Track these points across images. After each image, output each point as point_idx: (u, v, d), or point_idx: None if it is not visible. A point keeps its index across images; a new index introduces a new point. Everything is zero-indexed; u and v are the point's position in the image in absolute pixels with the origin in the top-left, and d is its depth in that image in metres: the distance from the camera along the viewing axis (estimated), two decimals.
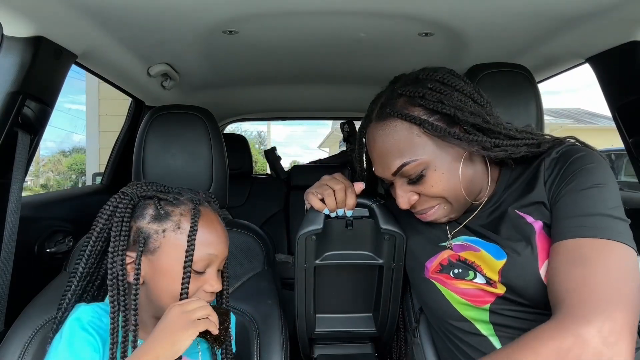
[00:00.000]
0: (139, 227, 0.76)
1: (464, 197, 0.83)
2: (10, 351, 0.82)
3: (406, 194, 0.84)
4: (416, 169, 0.80)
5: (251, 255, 1.07)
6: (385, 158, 0.83)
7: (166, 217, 0.76)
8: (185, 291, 0.73)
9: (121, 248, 0.74)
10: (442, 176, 0.81)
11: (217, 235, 0.79)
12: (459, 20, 1.08)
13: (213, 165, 1.06)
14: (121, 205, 0.76)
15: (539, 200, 0.80)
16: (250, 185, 2.62)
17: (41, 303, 0.89)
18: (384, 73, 1.67)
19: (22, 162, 0.94)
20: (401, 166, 0.81)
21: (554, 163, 0.81)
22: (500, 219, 0.84)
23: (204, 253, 0.75)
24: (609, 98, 1.16)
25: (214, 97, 2.02)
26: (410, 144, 0.81)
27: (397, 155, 0.81)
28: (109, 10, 0.98)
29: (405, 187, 0.84)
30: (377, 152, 0.85)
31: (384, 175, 0.85)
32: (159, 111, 1.08)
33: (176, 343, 0.66)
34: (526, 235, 0.78)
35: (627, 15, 0.98)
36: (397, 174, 0.82)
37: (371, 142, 0.87)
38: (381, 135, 0.84)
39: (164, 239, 0.75)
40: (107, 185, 1.77)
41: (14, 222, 0.91)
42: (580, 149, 0.81)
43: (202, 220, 0.77)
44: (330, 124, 16.32)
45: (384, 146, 0.83)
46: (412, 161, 0.80)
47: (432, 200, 0.84)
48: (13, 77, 0.90)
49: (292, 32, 1.19)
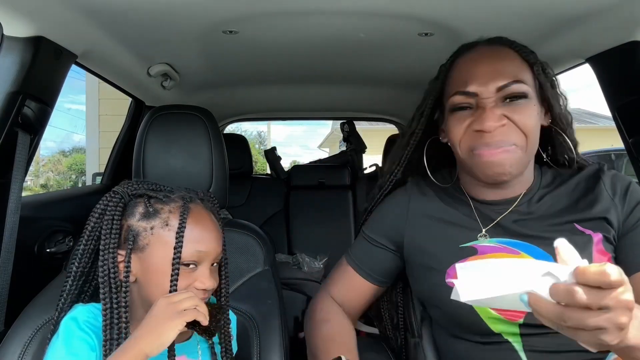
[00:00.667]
0: (129, 225, 0.76)
1: (532, 154, 0.85)
2: (10, 351, 0.82)
3: (498, 114, 0.80)
4: (523, 90, 0.81)
5: (251, 255, 1.07)
6: (496, 73, 0.81)
7: (155, 214, 0.76)
8: (174, 288, 0.73)
9: (112, 246, 0.74)
10: (536, 115, 0.83)
11: (207, 232, 0.78)
12: (459, 20, 1.08)
13: (213, 165, 1.06)
14: (111, 204, 0.76)
15: (603, 216, 0.81)
16: (250, 185, 2.62)
17: (41, 303, 0.88)
18: (384, 73, 1.67)
19: (22, 162, 0.94)
20: (514, 81, 0.80)
21: (611, 182, 0.84)
22: (544, 222, 0.83)
23: (193, 250, 0.75)
24: (609, 98, 1.16)
25: (214, 97, 2.01)
26: (522, 72, 0.83)
27: (508, 72, 0.81)
28: (109, 10, 0.98)
29: (499, 109, 0.81)
30: (486, 65, 0.83)
31: (484, 89, 0.81)
32: (159, 111, 1.08)
33: (162, 334, 0.65)
34: (583, 242, 0.78)
35: (627, 15, 0.98)
36: (504, 88, 0.81)
37: (477, 57, 0.86)
38: (496, 53, 0.85)
39: (152, 236, 0.75)
40: (107, 185, 1.77)
41: (14, 222, 0.91)
42: (624, 176, 0.87)
43: (192, 217, 0.77)
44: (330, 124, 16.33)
45: (497, 63, 0.83)
46: (523, 84, 0.81)
47: (517, 134, 0.81)
48: (13, 77, 0.90)
49: (292, 32, 1.19)
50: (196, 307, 0.69)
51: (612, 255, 0.80)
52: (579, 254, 0.63)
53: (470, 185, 0.92)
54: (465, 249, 0.85)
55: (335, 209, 2.55)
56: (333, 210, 2.55)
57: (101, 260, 0.74)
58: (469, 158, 0.84)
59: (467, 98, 0.83)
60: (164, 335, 0.65)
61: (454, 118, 0.86)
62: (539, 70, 0.85)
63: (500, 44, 0.87)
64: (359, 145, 2.90)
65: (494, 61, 0.83)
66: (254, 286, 1.03)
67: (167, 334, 0.65)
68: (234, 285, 1.02)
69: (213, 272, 0.79)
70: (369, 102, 2.36)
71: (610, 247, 0.80)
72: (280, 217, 2.56)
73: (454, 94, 0.85)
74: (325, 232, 2.47)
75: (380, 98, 2.18)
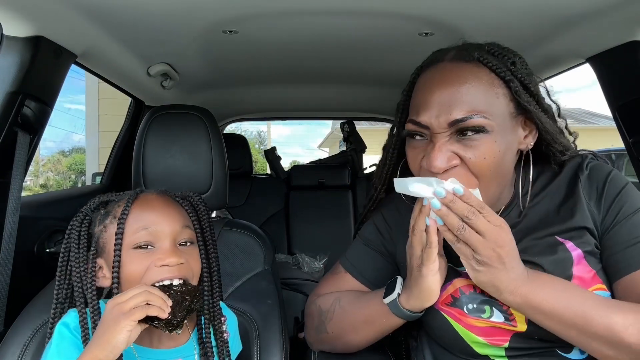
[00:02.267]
0: (91, 234, 0.78)
1: (499, 185, 0.76)
2: (9, 351, 0.82)
3: (447, 154, 0.71)
4: (481, 124, 0.70)
5: (251, 255, 1.07)
6: (452, 103, 0.70)
7: (107, 215, 0.78)
8: (116, 274, 0.72)
9: (82, 259, 0.75)
10: (497, 153, 0.71)
11: (156, 212, 0.77)
12: (459, 20, 1.08)
13: (213, 165, 1.06)
14: (75, 223, 0.78)
15: (582, 225, 0.77)
16: (250, 185, 2.62)
17: (41, 303, 0.88)
18: (384, 73, 1.67)
19: (22, 162, 0.94)
20: (467, 117, 0.69)
21: (588, 184, 0.80)
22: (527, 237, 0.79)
23: (140, 229, 0.74)
24: (609, 98, 1.16)
25: (214, 97, 2.01)
26: (486, 98, 0.71)
27: (466, 102, 0.70)
28: (109, 10, 0.98)
29: (449, 145, 0.72)
30: (442, 92, 0.72)
31: (435, 122, 0.72)
32: (158, 111, 1.08)
33: (112, 339, 0.63)
34: (564, 261, 0.75)
35: (627, 15, 0.98)
36: (457, 123, 0.70)
37: (435, 80, 0.74)
38: (457, 75, 0.72)
39: (106, 233, 0.76)
40: (107, 185, 1.77)
41: (13, 222, 0.91)
42: (604, 166, 0.81)
43: (139, 202, 0.78)
44: (330, 124, 16.33)
45: (455, 88, 0.71)
46: (481, 117, 0.69)
47: (469, 178, 0.72)
48: (13, 77, 0.90)
49: (292, 32, 1.19)
50: (148, 302, 0.66)
51: (599, 268, 0.76)
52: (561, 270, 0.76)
53: None
54: (450, 269, 0.81)
55: (335, 209, 2.55)
56: (333, 210, 2.55)
57: (74, 275, 0.75)
58: None
59: (419, 128, 0.75)
60: (114, 339, 0.63)
61: (409, 146, 0.79)
62: (517, 87, 0.72)
63: (469, 60, 0.74)
64: (359, 145, 2.90)
65: (452, 87, 0.71)
66: (254, 286, 1.03)
67: (117, 337, 0.63)
68: (234, 285, 1.02)
69: (179, 250, 0.76)
70: (369, 102, 2.36)
71: (594, 260, 0.77)
72: (280, 217, 2.56)
73: (408, 121, 0.77)
74: (325, 232, 2.47)
75: (380, 98, 2.18)
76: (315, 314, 0.95)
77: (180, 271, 0.74)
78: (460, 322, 0.79)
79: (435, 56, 0.79)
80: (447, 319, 0.80)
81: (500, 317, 0.76)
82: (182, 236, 0.78)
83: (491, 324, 0.76)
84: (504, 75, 0.72)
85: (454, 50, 0.77)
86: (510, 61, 0.75)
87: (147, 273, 0.73)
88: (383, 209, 0.97)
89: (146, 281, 0.72)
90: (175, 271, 0.73)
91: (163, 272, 0.73)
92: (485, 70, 0.72)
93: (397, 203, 0.94)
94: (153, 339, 0.77)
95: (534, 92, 0.75)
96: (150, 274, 0.73)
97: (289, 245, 2.50)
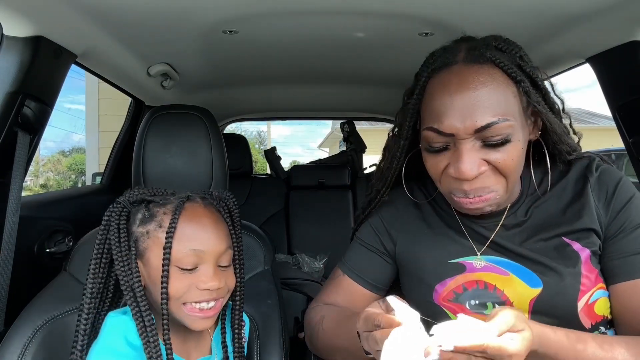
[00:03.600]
0: (131, 232, 0.76)
1: (515, 184, 0.76)
2: (10, 351, 0.81)
3: (477, 160, 0.70)
4: (504, 132, 0.69)
5: (251, 255, 1.07)
6: (475, 108, 0.69)
7: (151, 218, 0.75)
8: (164, 290, 0.71)
9: (124, 254, 0.73)
10: (521, 151, 0.72)
11: (204, 230, 0.75)
12: (459, 20, 1.08)
13: (213, 165, 1.06)
14: (114, 214, 0.76)
15: (589, 227, 0.77)
16: (250, 185, 2.62)
17: (41, 303, 0.88)
18: (384, 73, 1.67)
19: (22, 162, 0.94)
20: (492, 122, 0.68)
21: (598, 186, 0.79)
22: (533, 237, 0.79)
23: (187, 249, 0.72)
24: (609, 98, 1.16)
25: (214, 97, 2.02)
26: (506, 100, 0.70)
27: (490, 108, 0.69)
28: (109, 10, 0.98)
29: (477, 152, 0.71)
30: (463, 97, 0.70)
31: (461, 128, 0.70)
32: (158, 111, 1.08)
33: None
34: (571, 261, 0.75)
35: (627, 15, 0.98)
36: (483, 130, 0.69)
37: (452, 85, 0.71)
38: (474, 79, 0.70)
39: (149, 239, 0.74)
40: (107, 185, 1.77)
41: (13, 222, 0.91)
42: (615, 171, 0.81)
43: (186, 215, 0.75)
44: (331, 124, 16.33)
45: (476, 94, 0.69)
46: (505, 120, 0.69)
47: (498, 178, 0.72)
48: (13, 77, 0.90)
49: (292, 32, 1.19)
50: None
51: (600, 268, 0.77)
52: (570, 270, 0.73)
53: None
54: (454, 265, 0.82)
55: (335, 209, 2.55)
56: (333, 210, 2.55)
57: (119, 270, 0.73)
58: (449, 199, 0.80)
59: (442, 137, 0.73)
60: None
61: (430, 157, 0.77)
62: (527, 87, 0.72)
63: (483, 61, 0.73)
64: (359, 145, 2.90)
65: (474, 91, 0.70)
66: (254, 286, 1.03)
67: None
68: None
69: (220, 272, 0.76)
70: (369, 102, 2.36)
71: (596, 260, 0.77)
72: (280, 217, 2.56)
73: (428, 129, 0.74)
74: (325, 232, 2.47)
75: (380, 98, 2.18)
76: (307, 324, 0.96)
77: (219, 293, 0.76)
78: None
79: (446, 58, 0.76)
80: (449, 315, 0.80)
81: None
82: (224, 259, 0.77)
83: None
84: (516, 76, 0.72)
85: (463, 50, 0.76)
86: (517, 55, 0.75)
87: (188, 293, 0.73)
88: (379, 209, 0.97)
89: (186, 299, 0.73)
90: (214, 294, 0.74)
91: (204, 294, 0.73)
92: (500, 71, 0.72)
93: (394, 201, 0.95)
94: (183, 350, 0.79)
95: (542, 87, 0.76)
96: (191, 294, 0.73)
97: (289, 245, 2.50)
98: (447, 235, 0.86)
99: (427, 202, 0.93)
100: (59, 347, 0.83)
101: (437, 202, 0.92)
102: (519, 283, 0.76)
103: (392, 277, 0.96)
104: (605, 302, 0.77)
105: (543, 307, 0.74)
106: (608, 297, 0.77)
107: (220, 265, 0.76)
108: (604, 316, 0.77)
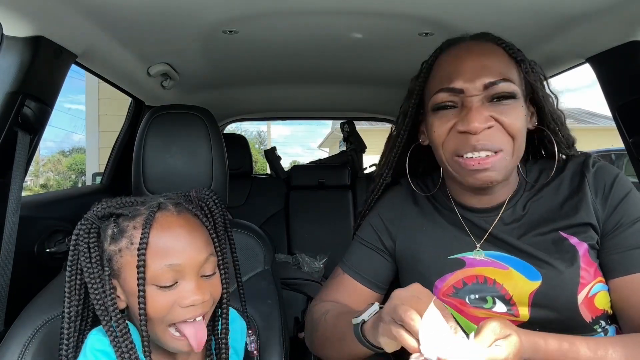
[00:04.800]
0: (104, 250, 0.69)
1: (519, 158, 0.79)
2: (10, 351, 0.81)
3: (485, 114, 0.75)
4: (510, 89, 0.76)
5: (251, 255, 1.07)
6: (483, 69, 0.76)
7: (121, 234, 0.68)
8: (142, 311, 0.65)
9: (96, 274, 0.67)
10: (523, 117, 0.78)
11: (178, 242, 0.68)
12: (459, 20, 1.08)
13: (213, 165, 1.06)
14: (82, 232, 0.69)
15: (587, 222, 0.78)
16: (250, 185, 2.62)
17: (41, 303, 0.88)
18: (384, 73, 1.67)
19: (22, 162, 0.94)
20: (500, 80, 0.76)
21: (595, 181, 0.81)
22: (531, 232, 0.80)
23: (163, 265, 0.65)
24: (609, 98, 1.16)
25: (214, 97, 2.02)
26: (509, 69, 0.79)
27: (496, 69, 0.77)
28: (109, 10, 0.98)
29: (485, 108, 0.76)
30: (472, 60, 0.78)
31: (470, 85, 0.76)
32: (158, 111, 1.08)
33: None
34: (569, 254, 0.76)
35: (627, 15, 0.98)
36: (491, 86, 0.76)
37: (461, 53, 0.81)
38: (481, 49, 0.80)
39: (122, 258, 0.68)
40: (107, 185, 1.77)
41: (13, 222, 0.91)
42: (612, 167, 0.83)
43: (158, 227, 0.67)
44: (331, 124, 16.33)
45: (484, 59, 0.78)
46: (511, 82, 0.77)
47: (504, 137, 0.76)
48: (13, 77, 0.90)
49: (292, 32, 1.19)
50: None
51: (598, 262, 0.78)
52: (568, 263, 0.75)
53: (456, 191, 0.89)
54: (453, 261, 0.83)
55: (335, 209, 2.55)
56: (333, 210, 2.55)
57: (92, 293, 0.67)
58: (453, 164, 0.80)
59: (451, 95, 0.78)
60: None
61: (437, 117, 0.80)
62: (527, 68, 0.80)
63: (487, 40, 0.82)
64: (359, 145, 2.90)
65: (481, 57, 0.78)
66: (254, 286, 1.03)
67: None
68: (234, 285, 1.02)
69: (204, 283, 0.70)
70: (369, 102, 2.36)
71: (594, 254, 0.78)
72: (280, 217, 2.56)
73: (438, 92, 0.79)
74: (325, 232, 2.47)
75: (380, 98, 2.18)
76: (309, 321, 0.96)
77: (204, 308, 0.70)
78: (461, 312, 0.79)
79: (451, 41, 0.85)
80: (449, 310, 0.80)
81: (503, 307, 0.76)
82: (207, 269, 0.71)
83: (493, 315, 0.77)
84: (517, 56, 0.80)
85: (468, 36, 0.85)
86: (516, 48, 0.82)
87: (172, 313, 0.67)
88: (378, 208, 0.98)
89: (171, 320, 0.67)
90: (199, 309, 0.68)
91: (189, 311, 0.67)
92: (502, 50, 0.81)
93: (394, 199, 0.95)
94: None
95: (540, 75, 0.83)
96: (175, 314, 0.67)
97: (289, 245, 2.50)
98: (446, 231, 0.87)
99: (426, 198, 0.94)
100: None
101: (437, 198, 0.93)
102: (518, 277, 0.77)
103: (392, 275, 0.96)
104: (605, 295, 0.77)
105: (543, 300, 0.75)
106: (608, 292, 0.77)
107: (204, 275, 0.70)
108: (605, 310, 0.77)
